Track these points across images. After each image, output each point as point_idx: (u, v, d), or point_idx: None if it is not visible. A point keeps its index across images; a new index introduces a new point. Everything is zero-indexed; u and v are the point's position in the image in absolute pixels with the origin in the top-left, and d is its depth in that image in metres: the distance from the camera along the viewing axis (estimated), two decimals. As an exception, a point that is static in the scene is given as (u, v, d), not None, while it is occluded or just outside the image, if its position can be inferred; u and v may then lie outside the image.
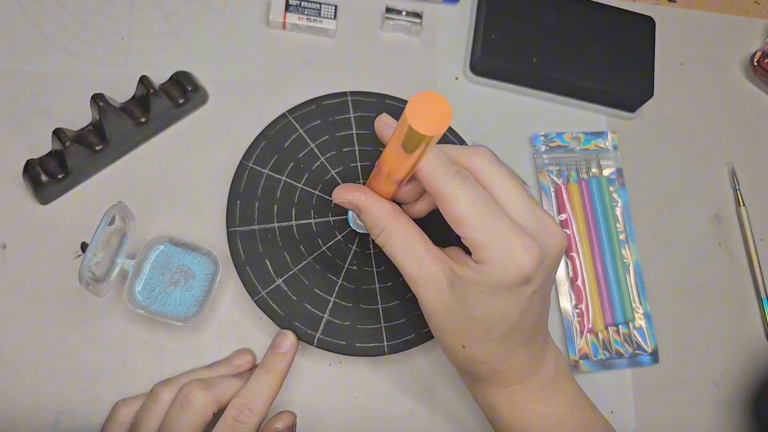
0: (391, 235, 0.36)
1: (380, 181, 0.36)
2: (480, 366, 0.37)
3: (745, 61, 0.57)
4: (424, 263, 0.36)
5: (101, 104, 0.42)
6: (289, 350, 0.41)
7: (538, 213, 0.35)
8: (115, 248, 0.42)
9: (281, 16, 0.50)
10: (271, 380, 0.40)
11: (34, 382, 0.42)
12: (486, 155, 0.36)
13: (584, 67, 0.51)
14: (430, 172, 0.34)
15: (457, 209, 0.33)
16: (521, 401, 0.38)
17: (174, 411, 0.38)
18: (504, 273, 0.33)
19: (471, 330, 0.35)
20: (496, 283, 0.33)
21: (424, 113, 0.29)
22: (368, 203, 0.37)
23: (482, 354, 0.36)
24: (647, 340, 0.48)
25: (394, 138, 0.31)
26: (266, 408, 0.39)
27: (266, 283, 0.44)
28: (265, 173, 0.46)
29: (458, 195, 0.33)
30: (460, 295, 0.35)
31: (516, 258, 0.33)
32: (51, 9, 0.49)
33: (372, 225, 0.37)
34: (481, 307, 0.34)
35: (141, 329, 0.44)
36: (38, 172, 0.43)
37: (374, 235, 0.37)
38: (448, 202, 0.33)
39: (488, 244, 0.33)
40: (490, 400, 0.39)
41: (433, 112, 0.29)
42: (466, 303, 0.35)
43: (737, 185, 0.53)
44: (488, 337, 0.35)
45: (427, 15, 0.53)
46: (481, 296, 0.34)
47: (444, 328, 0.36)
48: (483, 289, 0.34)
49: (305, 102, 0.48)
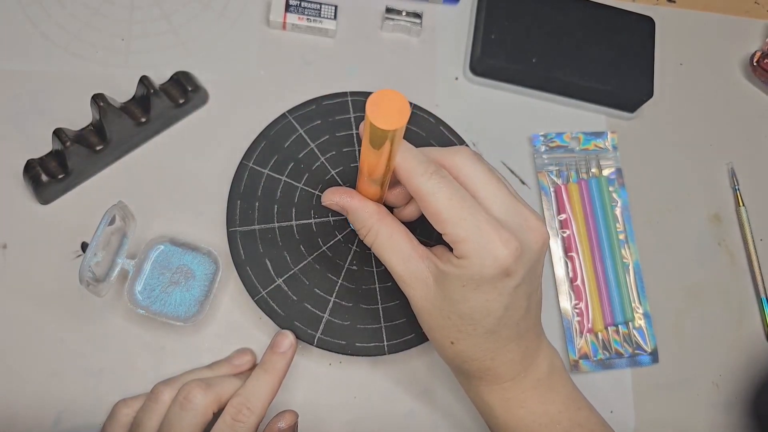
0: (377, 235, 0.38)
1: (364, 182, 0.38)
2: (470, 363, 0.38)
3: (744, 61, 0.57)
4: (411, 261, 0.37)
5: (101, 104, 0.42)
6: (288, 350, 0.41)
7: (518, 208, 0.36)
8: (116, 248, 0.42)
9: (281, 16, 0.50)
10: (270, 379, 0.40)
11: (34, 382, 0.42)
12: (465, 154, 0.36)
13: (584, 67, 0.51)
14: (409, 172, 0.35)
15: (435, 206, 0.34)
16: (514, 399, 0.39)
17: (174, 411, 0.38)
18: (482, 266, 0.34)
19: (458, 325, 0.36)
20: (477, 276, 0.34)
21: (383, 110, 0.30)
22: (354, 205, 0.38)
23: (471, 350, 0.37)
24: (647, 340, 0.48)
25: (364, 136, 0.33)
26: (265, 407, 0.39)
27: (266, 283, 0.44)
28: (265, 173, 0.46)
29: (436, 192, 0.34)
30: (445, 291, 0.36)
31: (493, 251, 0.34)
32: (51, 9, 0.49)
33: (359, 226, 0.39)
34: (465, 302, 0.35)
35: (141, 329, 0.44)
36: (38, 172, 0.43)
37: (362, 236, 0.39)
38: (426, 199, 0.34)
39: (466, 238, 0.34)
40: (484, 397, 0.39)
41: (392, 107, 0.30)
42: (451, 298, 0.35)
43: (737, 185, 0.53)
44: (475, 332, 0.36)
45: (427, 15, 0.53)
46: (464, 290, 0.35)
47: (433, 325, 0.37)
48: (465, 282, 0.35)
49: (305, 102, 0.48)
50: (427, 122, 0.49)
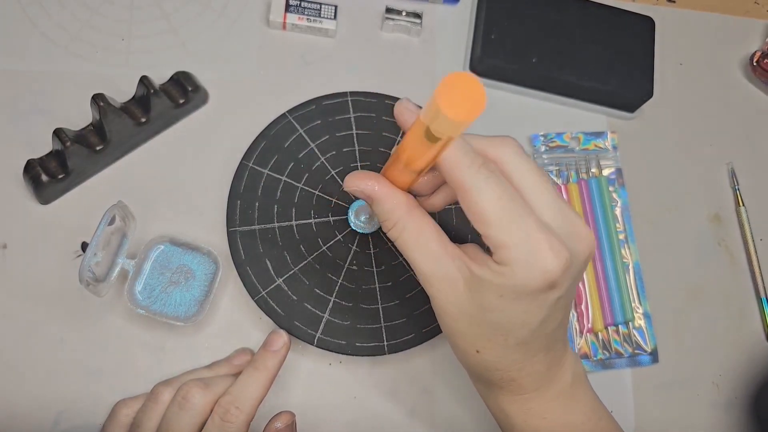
0: (404, 229, 0.34)
1: (397, 170, 0.34)
2: (494, 372, 0.35)
3: (744, 61, 0.57)
4: (440, 261, 0.33)
5: (101, 104, 0.42)
6: (281, 348, 0.40)
7: (567, 213, 0.33)
8: (115, 248, 0.42)
9: (281, 16, 0.50)
10: (260, 377, 0.39)
11: (34, 382, 0.42)
12: (513, 146, 0.33)
13: (584, 67, 0.51)
14: (453, 163, 0.31)
15: (480, 205, 0.30)
16: (536, 410, 0.36)
17: (172, 410, 0.38)
18: (528, 277, 0.30)
19: (487, 334, 0.33)
20: (519, 287, 0.31)
21: (456, 96, 0.26)
22: (382, 194, 0.34)
23: (498, 360, 0.34)
24: (647, 339, 0.48)
25: (417, 124, 0.29)
26: (254, 406, 0.38)
27: (266, 283, 0.44)
28: (265, 173, 0.46)
29: (483, 189, 0.30)
30: (478, 298, 0.32)
31: (543, 262, 0.30)
32: (51, 9, 0.49)
33: (384, 218, 0.35)
34: (500, 312, 0.32)
35: (141, 329, 0.44)
36: (38, 172, 0.43)
37: (386, 229, 0.35)
38: (471, 196, 0.31)
39: (513, 245, 0.30)
40: (503, 407, 0.37)
41: (467, 94, 0.26)
42: (483, 306, 0.32)
43: (737, 185, 0.53)
44: (505, 343, 0.33)
45: (427, 15, 0.53)
46: (500, 300, 0.32)
47: (457, 331, 0.34)
48: (504, 292, 0.31)
49: (305, 102, 0.48)
50: (427, 122, 0.49)
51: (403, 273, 0.45)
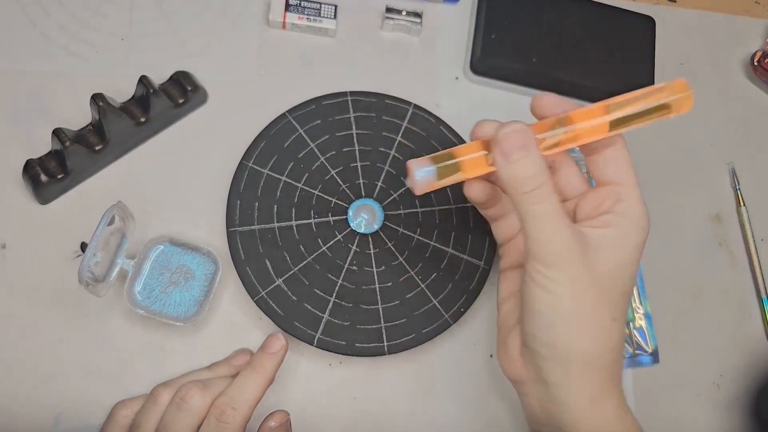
0: (547, 197, 0.32)
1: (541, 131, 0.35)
2: (621, 349, 0.35)
3: (745, 61, 0.57)
4: (566, 234, 0.32)
5: (101, 104, 0.42)
6: (279, 351, 0.41)
7: None
8: (115, 248, 0.42)
9: (281, 15, 0.50)
10: (257, 379, 0.39)
11: (34, 382, 0.42)
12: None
13: (584, 67, 0.51)
14: (622, 145, 0.38)
15: (627, 166, 0.37)
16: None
17: (171, 411, 0.38)
18: (636, 233, 0.35)
19: (616, 299, 0.34)
20: (631, 245, 0.34)
21: (684, 97, 0.36)
22: (535, 149, 0.32)
23: (622, 329, 0.35)
24: (647, 340, 0.48)
25: (632, 102, 0.36)
26: (250, 407, 0.38)
27: (266, 283, 0.44)
28: (265, 173, 0.46)
29: (625, 154, 0.38)
30: (599, 264, 0.33)
31: (642, 220, 0.35)
32: (51, 9, 0.49)
33: (528, 174, 0.32)
34: (623, 270, 0.34)
35: (141, 329, 0.44)
36: (38, 172, 0.43)
37: (521, 190, 0.32)
38: (618, 155, 0.37)
39: (633, 196, 0.36)
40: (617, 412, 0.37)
41: (685, 96, 0.36)
42: (603, 272, 0.34)
43: (737, 185, 0.53)
44: (625, 309, 0.35)
45: (427, 15, 0.53)
46: (619, 259, 0.34)
47: (587, 307, 0.33)
48: (618, 251, 0.34)
49: (305, 102, 0.48)
50: (427, 122, 0.49)
51: (403, 273, 0.45)
